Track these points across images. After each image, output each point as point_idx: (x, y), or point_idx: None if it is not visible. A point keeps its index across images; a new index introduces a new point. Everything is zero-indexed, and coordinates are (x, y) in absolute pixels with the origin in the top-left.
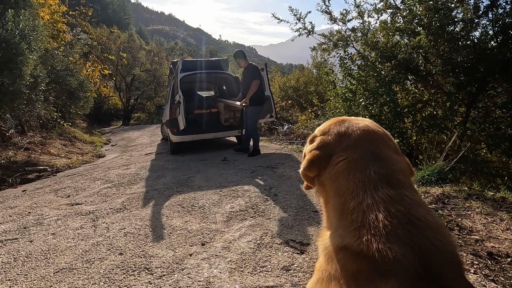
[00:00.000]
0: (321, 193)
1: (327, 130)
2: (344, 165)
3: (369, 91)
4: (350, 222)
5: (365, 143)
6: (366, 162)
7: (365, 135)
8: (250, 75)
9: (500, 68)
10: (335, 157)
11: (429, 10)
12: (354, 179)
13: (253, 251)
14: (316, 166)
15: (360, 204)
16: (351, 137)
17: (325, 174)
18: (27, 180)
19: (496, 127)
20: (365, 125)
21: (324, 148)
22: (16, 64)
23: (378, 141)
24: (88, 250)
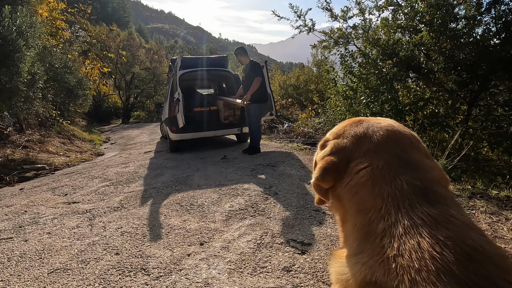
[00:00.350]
0: (337, 209)
1: (342, 133)
2: (366, 175)
3: (370, 88)
4: (379, 249)
5: (390, 146)
6: (394, 170)
7: (390, 136)
8: (252, 72)
9: (503, 65)
10: (354, 164)
11: (431, 7)
12: (381, 193)
13: (253, 251)
14: (331, 176)
15: (393, 226)
16: (372, 139)
17: (342, 185)
18: (25, 178)
19: (498, 126)
20: (388, 125)
21: (340, 154)
22: (13, 61)
23: (405, 143)
24: (84, 250)
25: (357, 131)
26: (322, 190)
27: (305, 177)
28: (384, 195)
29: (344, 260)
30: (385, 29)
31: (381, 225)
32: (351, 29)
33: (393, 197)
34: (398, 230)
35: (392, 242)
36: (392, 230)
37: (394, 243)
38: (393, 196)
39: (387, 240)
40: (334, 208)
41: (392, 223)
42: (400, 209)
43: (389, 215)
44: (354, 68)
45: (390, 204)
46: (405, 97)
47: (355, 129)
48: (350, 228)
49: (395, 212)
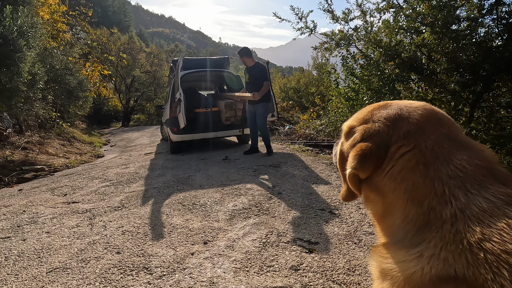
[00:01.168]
0: (374, 202)
1: (370, 117)
2: (414, 157)
3: (372, 90)
4: (453, 236)
5: (434, 126)
6: (448, 150)
7: (430, 116)
8: (260, 75)
9: (506, 66)
10: (395, 148)
11: (433, 8)
12: (439, 175)
13: (259, 250)
14: (371, 162)
15: (466, 209)
16: (410, 120)
17: (381, 174)
18: (24, 179)
19: (501, 127)
20: (423, 104)
21: (375, 138)
22: (14, 61)
23: (448, 123)
24: (84, 249)
25: (389, 113)
26: (357, 181)
27: (308, 177)
28: (444, 178)
29: (389, 255)
30: (387, 30)
31: (447, 211)
32: (352, 31)
33: (456, 178)
34: (474, 213)
35: (471, 226)
36: (466, 214)
37: (475, 228)
38: (456, 177)
39: (462, 225)
40: (370, 202)
41: (464, 206)
42: (470, 190)
43: (456, 199)
44: (356, 70)
45: (455, 186)
46: (407, 99)
47: (386, 111)
48: (398, 221)
49: (463, 194)
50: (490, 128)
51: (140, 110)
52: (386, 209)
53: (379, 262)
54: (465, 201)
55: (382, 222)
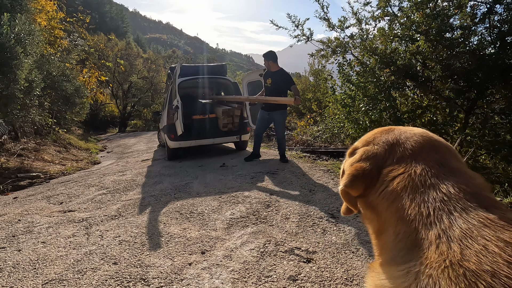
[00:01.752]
0: (370, 219)
1: (372, 140)
2: (404, 181)
3: (369, 96)
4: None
5: (427, 153)
6: (436, 175)
7: (425, 142)
8: (285, 81)
9: (498, 74)
10: (387, 170)
11: (427, 17)
12: (425, 198)
13: (257, 260)
14: (362, 182)
15: (448, 231)
16: (406, 145)
17: (375, 193)
18: (19, 187)
19: (495, 133)
20: (422, 132)
21: (371, 160)
22: (11, 68)
23: (443, 150)
24: (80, 260)
25: (388, 137)
26: (351, 198)
27: (306, 184)
28: (430, 200)
29: (382, 272)
30: (382, 38)
31: (433, 232)
32: (348, 39)
33: (441, 201)
34: (456, 235)
35: (452, 247)
36: (448, 235)
37: (455, 248)
38: (441, 201)
39: (445, 246)
40: (367, 219)
41: (446, 228)
42: (452, 213)
43: (440, 221)
44: (352, 77)
45: (439, 209)
46: (403, 105)
47: (386, 136)
48: (391, 239)
49: (447, 216)
50: (484, 134)
51: (137, 116)
52: (381, 227)
53: (373, 278)
54: (448, 224)
55: (378, 239)
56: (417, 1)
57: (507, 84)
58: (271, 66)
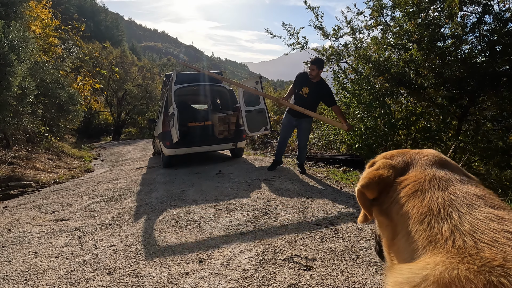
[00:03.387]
0: (385, 226)
1: (389, 156)
2: (415, 186)
3: (363, 104)
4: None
5: (437, 167)
6: (444, 181)
7: (436, 160)
8: (327, 94)
9: (489, 81)
10: (401, 179)
11: (419, 26)
12: (435, 198)
13: (256, 268)
14: (376, 186)
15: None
16: (419, 162)
17: (388, 201)
18: (10, 196)
19: (488, 140)
20: (433, 153)
21: (387, 169)
22: (4, 75)
23: (451, 166)
24: (73, 270)
25: (404, 157)
26: (366, 201)
27: (303, 191)
28: (439, 200)
29: (404, 269)
30: (376, 47)
31: (446, 227)
32: (342, 47)
33: (450, 200)
34: (466, 229)
35: (466, 241)
36: (460, 230)
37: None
38: (450, 200)
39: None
40: (381, 226)
41: (458, 223)
42: (461, 211)
43: (450, 217)
44: (347, 84)
45: (449, 206)
46: (397, 112)
47: (403, 156)
48: (403, 240)
49: (456, 213)
50: (477, 140)
51: (131, 124)
52: (394, 231)
53: (394, 277)
54: (458, 219)
55: (392, 245)
56: (409, 11)
57: (498, 91)
58: (315, 74)
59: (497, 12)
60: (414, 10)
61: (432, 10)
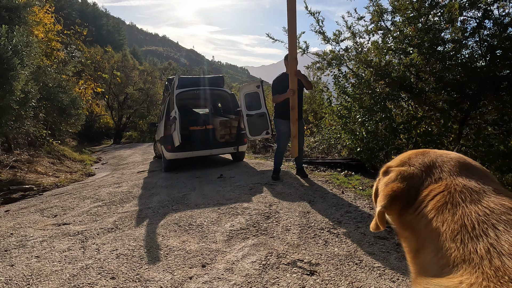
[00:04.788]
0: (408, 238)
1: (407, 160)
2: (445, 198)
3: (364, 108)
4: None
5: (465, 174)
6: (475, 192)
7: (462, 166)
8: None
9: (490, 86)
10: (427, 190)
11: (419, 31)
12: (467, 212)
13: (259, 273)
14: (399, 202)
15: (496, 246)
16: (443, 168)
17: (413, 212)
18: (11, 199)
19: (489, 144)
20: (458, 156)
21: (408, 180)
22: (7, 79)
23: (479, 172)
24: (76, 275)
25: (425, 160)
26: (385, 217)
27: (305, 195)
28: (473, 215)
29: (432, 284)
30: (376, 51)
31: (481, 246)
32: (343, 51)
33: (484, 216)
34: (506, 249)
35: (506, 262)
36: (498, 250)
37: (509, 264)
38: (484, 215)
39: (498, 261)
40: (404, 238)
41: (494, 242)
42: (497, 227)
43: (486, 234)
44: (348, 88)
45: (484, 222)
46: (398, 116)
47: (422, 158)
48: (430, 255)
49: (492, 230)
50: (479, 144)
51: (132, 127)
52: (420, 245)
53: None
54: (495, 237)
55: (416, 257)
56: (409, 16)
57: (499, 95)
58: None
59: (497, 17)
60: (415, 15)
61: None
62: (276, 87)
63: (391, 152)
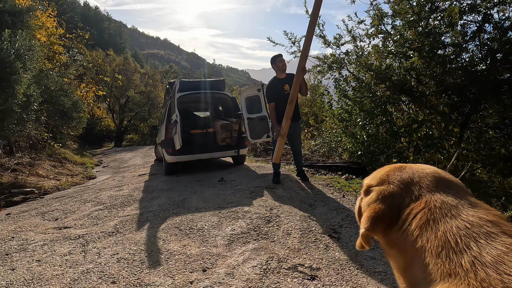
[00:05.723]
0: (395, 256)
1: (385, 178)
2: (426, 215)
3: (365, 111)
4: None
5: (442, 190)
6: (455, 207)
7: (439, 181)
8: None
9: (491, 89)
10: (408, 209)
11: (419, 35)
12: (449, 228)
13: (260, 278)
14: (382, 224)
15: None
16: (421, 183)
17: (398, 231)
18: (12, 202)
19: (490, 147)
20: (434, 171)
21: (389, 200)
22: (9, 83)
23: (455, 186)
24: (77, 279)
25: (403, 176)
26: (369, 239)
27: (305, 199)
28: (454, 230)
29: None
30: (377, 55)
31: (465, 259)
32: (344, 55)
33: (465, 229)
34: (488, 260)
35: (490, 274)
36: (481, 262)
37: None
38: (465, 229)
39: (483, 273)
40: (391, 256)
41: (477, 255)
42: (478, 240)
43: (469, 248)
44: (348, 92)
45: (465, 236)
46: (399, 120)
47: (400, 174)
48: (419, 272)
49: (474, 243)
50: (480, 148)
51: (133, 130)
52: (408, 262)
53: None
54: (477, 250)
55: (405, 275)
56: (409, 19)
57: (499, 99)
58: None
59: (497, 21)
60: (415, 18)
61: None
62: (271, 93)
63: (392, 156)
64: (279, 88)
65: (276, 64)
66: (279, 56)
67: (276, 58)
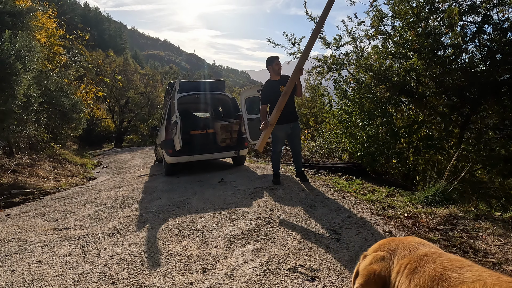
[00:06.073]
0: None
1: (378, 247)
2: (412, 265)
3: (365, 112)
4: None
5: (420, 248)
6: (430, 258)
7: (417, 244)
8: None
9: (491, 90)
10: (396, 267)
11: (419, 35)
12: (432, 268)
13: (260, 279)
14: (374, 282)
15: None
16: (405, 248)
17: (392, 284)
18: (12, 203)
19: (490, 148)
20: (414, 239)
21: (380, 263)
22: (9, 84)
23: (429, 246)
24: (77, 280)
25: (391, 245)
26: None
27: (305, 200)
28: (437, 269)
29: None
30: (376, 56)
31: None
32: (344, 56)
33: (440, 269)
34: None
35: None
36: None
37: None
38: (440, 268)
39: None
40: None
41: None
42: (456, 271)
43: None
44: (348, 93)
45: (446, 271)
46: (399, 120)
47: (389, 244)
48: None
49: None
50: (480, 149)
51: (133, 131)
52: None
53: None
54: (455, 280)
55: None
56: (409, 20)
57: (499, 100)
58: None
59: (496, 21)
60: (414, 19)
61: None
62: (266, 96)
63: (392, 156)
64: (276, 89)
65: (273, 66)
66: (276, 58)
67: (274, 59)
